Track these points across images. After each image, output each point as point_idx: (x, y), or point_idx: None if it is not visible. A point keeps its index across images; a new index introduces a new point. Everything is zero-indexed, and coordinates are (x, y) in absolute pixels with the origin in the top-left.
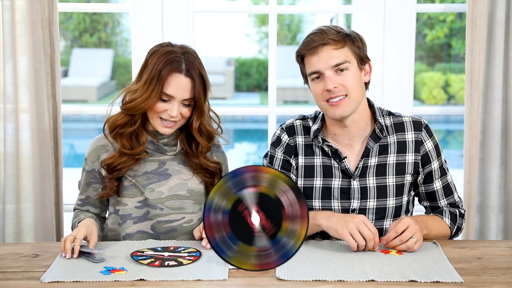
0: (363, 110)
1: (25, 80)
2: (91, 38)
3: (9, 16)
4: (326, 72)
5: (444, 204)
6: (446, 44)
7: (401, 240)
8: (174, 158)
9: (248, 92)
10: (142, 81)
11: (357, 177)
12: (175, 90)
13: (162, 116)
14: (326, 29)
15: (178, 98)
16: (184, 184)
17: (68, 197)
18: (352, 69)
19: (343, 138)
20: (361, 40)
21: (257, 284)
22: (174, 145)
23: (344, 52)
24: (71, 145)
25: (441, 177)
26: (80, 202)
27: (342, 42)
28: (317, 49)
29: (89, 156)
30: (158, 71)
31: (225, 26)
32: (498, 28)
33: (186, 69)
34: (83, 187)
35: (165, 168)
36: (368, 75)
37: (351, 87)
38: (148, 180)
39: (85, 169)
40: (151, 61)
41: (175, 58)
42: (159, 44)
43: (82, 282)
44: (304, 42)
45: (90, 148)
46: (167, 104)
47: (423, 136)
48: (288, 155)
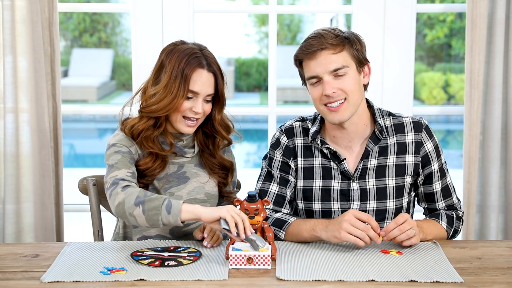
0: (362, 112)
1: (25, 80)
2: (91, 38)
3: (9, 16)
4: (325, 77)
5: (442, 206)
6: (446, 44)
7: (401, 230)
8: (191, 160)
9: (248, 92)
10: (163, 82)
11: (356, 179)
12: (200, 86)
13: (187, 114)
14: (324, 33)
15: (202, 94)
16: (202, 187)
17: (68, 197)
18: (351, 73)
19: (342, 140)
20: (359, 42)
21: (257, 284)
22: (192, 147)
23: (343, 57)
24: (71, 145)
25: (440, 179)
26: (129, 174)
27: (340, 46)
28: (315, 53)
29: (122, 141)
30: (181, 70)
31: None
32: (498, 28)
33: (208, 64)
34: (125, 163)
35: (184, 171)
36: (367, 77)
37: (350, 91)
38: (168, 184)
39: (122, 151)
40: (170, 61)
41: (195, 54)
42: (172, 43)
43: (82, 282)
44: (302, 47)
45: (118, 137)
46: (191, 102)
47: (423, 137)
48: (287, 157)
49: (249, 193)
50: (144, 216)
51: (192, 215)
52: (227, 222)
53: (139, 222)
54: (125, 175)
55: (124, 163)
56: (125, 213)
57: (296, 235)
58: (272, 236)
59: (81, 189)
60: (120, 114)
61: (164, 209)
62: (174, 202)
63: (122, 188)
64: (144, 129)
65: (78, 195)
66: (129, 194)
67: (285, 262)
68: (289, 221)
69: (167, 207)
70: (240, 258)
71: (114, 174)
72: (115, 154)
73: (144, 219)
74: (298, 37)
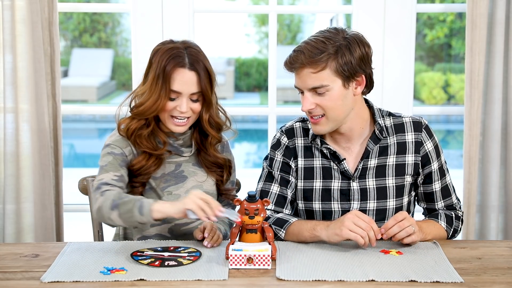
0: (356, 117)
1: (25, 80)
2: (91, 38)
3: (9, 16)
4: (305, 92)
5: (441, 206)
6: (446, 44)
7: (400, 227)
8: (188, 159)
9: (248, 92)
10: (149, 82)
11: (356, 179)
12: (181, 85)
13: (173, 114)
14: (307, 48)
15: (185, 93)
16: (200, 186)
17: (68, 197)
18: (333, 91)
19: (340, 141)
20: (350, 52)
21: (257, 284)
22: (190, 146)
23: (324, 75)
24: (71, 145)
25: (440, 179)
26: (116, 178)
27: (323, 64)
28: (297, 69)
29: (117, 142)
30: (163, 68)
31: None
32: (498, 28)
33: (190, 63)
34: (115, 166)
35: (181, 170)
36: (361, 86)
37: (328, 108)
38: (166, 183)
39: (114, 152)
40: (155, 60)
41: (177, 53)
42: (161, 43)
43: (82, 282)
44: (287, 59)
45: (114, 137)
46: (175, 102)
47: (423, 137)
48: (287, 157)
49: (249, 193)
50: (120, 219)
51: (162, 215)
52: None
53: (118, 224)
54: (110, 178)
55: (113, 165)
56: (104, 217)
57: (296, 234)
58: (272, 236)
59: (81, 189)
60: (116, 114)
61: (136, 211)
62: (145, 203)
63: (101, 193)
64: (137, 128)
65: (78, 195)
66: (106, 199)
67: (285, 262)
68: (290, 221)
69: (139, 208)
70: (240, 258)
71: (100, 177)
72: (107, 155)
73: (121, 221)
74: (298, 37)
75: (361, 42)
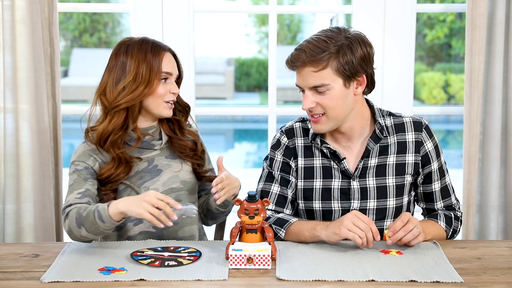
0: (357, 116)
1: (25, 80)
2: (91, 38)
3: (9, 16)
4: (306, 91)
5: (440, 206)
6: (446, 44)
7: (405, 231)
8: (160, 153)
9: (248, 92)
10: (129, 76)
11: (356, 178)
12: (171, 67)
13: (167, 98)
14: (309, 47)
15: (174, 75)
16: (176, 176)
17: None
18: (334, 90)
19: (341, 140)
20: (352, 52)
21: (257, 284)
22: (159, 139)
23: (325, 74)
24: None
25: (440, 179)
26: (79, 196)
27: (324, 62)
28: (298, 68)
29: (80, 157)
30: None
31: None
32: (498, 28)
33: (168, 48)
34: (79, 183)
35: (155, 165)
36: (362, 86)
37: (328, 107)
38: (141, 180)
39: (78, 169)
40: (131, 55)
41: (152, 42)
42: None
43: (82, 282)
44: (288, 57)
45: (78, 153)
46: (166, 85)
47: (423, 136)
48: (287, 157)
49: (249, 193)
50: (90, 234)
51: (121, 215)
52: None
53: (92, 239)
54: (74, 198)
55: (78, 182)
56: (77, 237)
57: (296, 234)
58: (272, 236)
59: None
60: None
61: (98, 221)
62: (101, 210)
63: (66, 216)
64: (114, 131)
65: None
66: (70, 219)
67: (285, 262)
68: (291, 221)
69: (99, 217)
70: (240, 258)
71: (67, 199)
72: (72, 174)
73: (92, 235)
74: (298, 37)
75: (363, 41)
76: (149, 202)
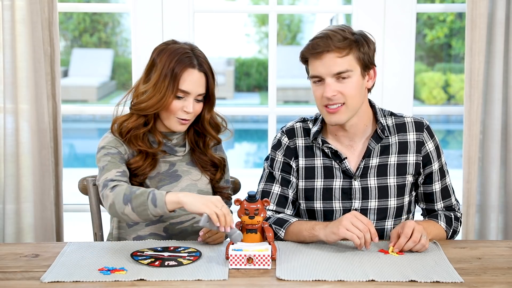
0: (363, 113)
1: (25, 80)
2: (91, 38)
3: (9, 16)
4: (327, 79)
5: (440, 207)
6: (446, 44)
7: (415, 242)
8: (182, 159)
9: (248, 92)
10: (152, 81)
11: (358, 178)
12: (191, 86)
13: (178, 115)
14: (332, 34)
15: (193, 94)
16: (194, 185)
17: (68, 197)
18: (354, 77)
19: (343, 139)
20: (368, 45)
21: (257, 284)
22: (183, 146)
23: (348, 60)
24: (71, 145)
25: (440, 179)
26: (119, 174)
27: (347, 49)
28: (321, 54)
29: (111, 143)
30: (171, 69)
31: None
32: (498, 28)
33: (199, 64)
34: (115, 163)
35: (175, 170)
36: (372, 80)
37: (349, 96)
38: (160, 182)
39: (111, 152)
40: (160, 60)
41: (186, 54)
42: (164, 43)
43: (82, 282)
44: (308, 45)
45: (107, 140)
46: (182, 101)
47: (424, 137)
48: (288, 157)
49: (249, 193)
50: (134, 213)
51: (177, 205)
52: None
53: (133, 219)
54: (114, 175)
55: (114, 163)
56: (117, 213)
57: (296, 234)
58: (272, 236)
59: (81, 189)
60: (114, 113)
61: (150, 203)
62: (158, 195)
63: (111, 189)
64: (134, 128)
65: (78, 195)
66: (117, 194)
67: (285, 262)
68: (290, 221)
69: (153, 200)
70: (240, 258)
71: (104, 176)
72: (105, 156)
73: (135, 215)
74: (298, 37)
75: (370, 37)
76: (214, 203)
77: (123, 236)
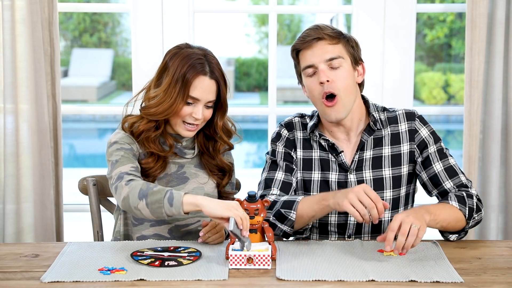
0: (357, 108)
1: (25, 80)
2: (91, 38)
3: (9, 16)
4: (320, 65)
5: (450, 186)
6: (446, 44)
7: (404, 234)
8: (190, 161)
9: (248, 92)
10: (164, 86)
11: (353, 171)
12: (201, 93)
13: (186, 120)
14: (321, 25)
15: (203, 101)
16: (201, 188)
17: (68, 197)
18: (345, 66)
19: (339, 134)
20: (355, 41)
21: (257, 284)
22: (192, 148)
23: (338, 48)
24: (71, 145)
25: (441, 160)
26: (133, 169)
27: (337, 38)
28: (312, 43)
29: (123, 139)
30: (182, 75)
31: (225, 26)
32: (497, 28)
33: (210, 71)
34: (129, 158)
35: (183, 171)
36: (361, 76)
37: (341, 87)
38: (168, 184)
39: (124, 147)
40: (173, 64)
41: (198, 60)
42: (177, 46)
43: (82, 282)
44: (299, 37)
45: (119, 135)
46: (191, 107)
47: (416, 125)
48: (288, 148)
49: (249, 193)
50: (148, 209)
51: (194, 207)
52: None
53: (145, 215)
54: (129, 169)
55: (127, 158)
56: (130, 207)
57: (306, 209)
58: (272, 236)
59: (81, 189)
60: (123, 112)
61: (166, 202)
62: (175, 195)
63: (127, 182)
64: (145, 130)
65: (78, 195)
66: (132, 188)
67: (285, 262)
68: (297, 200)
69: (169, 199)
70: (240, 258)
71: (118, 169)
72: (118, 150)
73: (148, 212)
74: None
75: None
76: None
77: (130, 233)
